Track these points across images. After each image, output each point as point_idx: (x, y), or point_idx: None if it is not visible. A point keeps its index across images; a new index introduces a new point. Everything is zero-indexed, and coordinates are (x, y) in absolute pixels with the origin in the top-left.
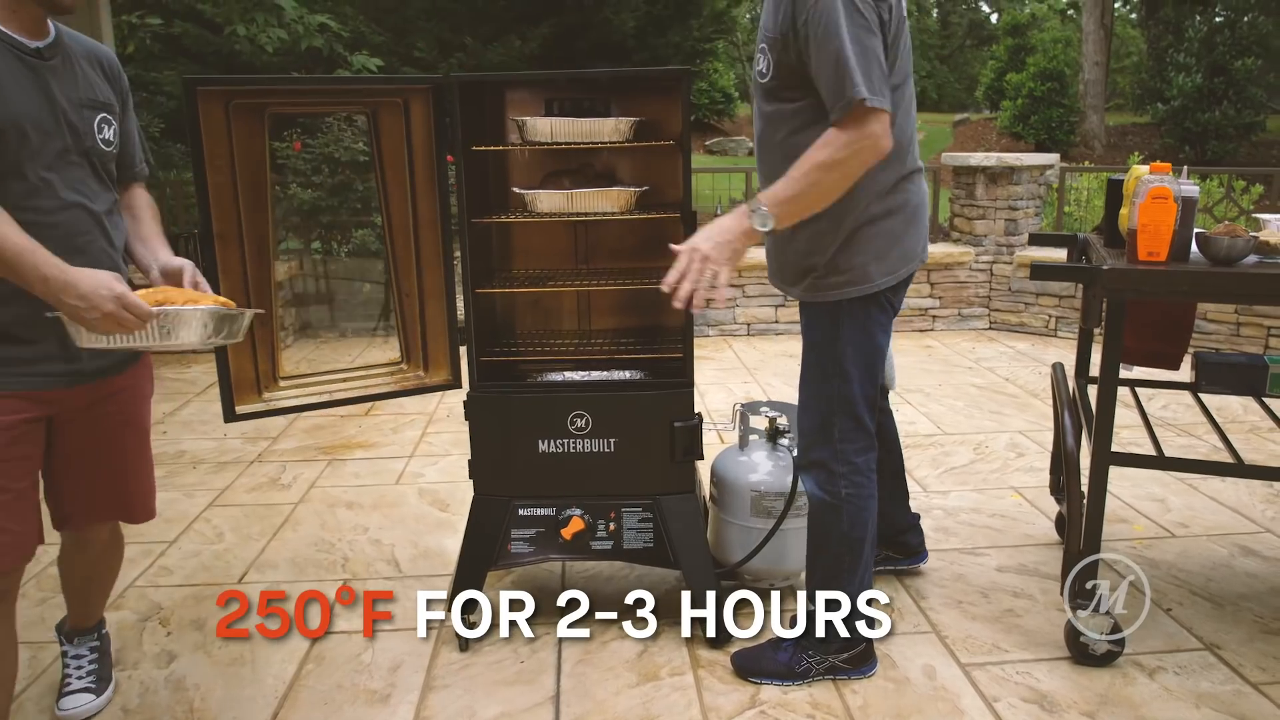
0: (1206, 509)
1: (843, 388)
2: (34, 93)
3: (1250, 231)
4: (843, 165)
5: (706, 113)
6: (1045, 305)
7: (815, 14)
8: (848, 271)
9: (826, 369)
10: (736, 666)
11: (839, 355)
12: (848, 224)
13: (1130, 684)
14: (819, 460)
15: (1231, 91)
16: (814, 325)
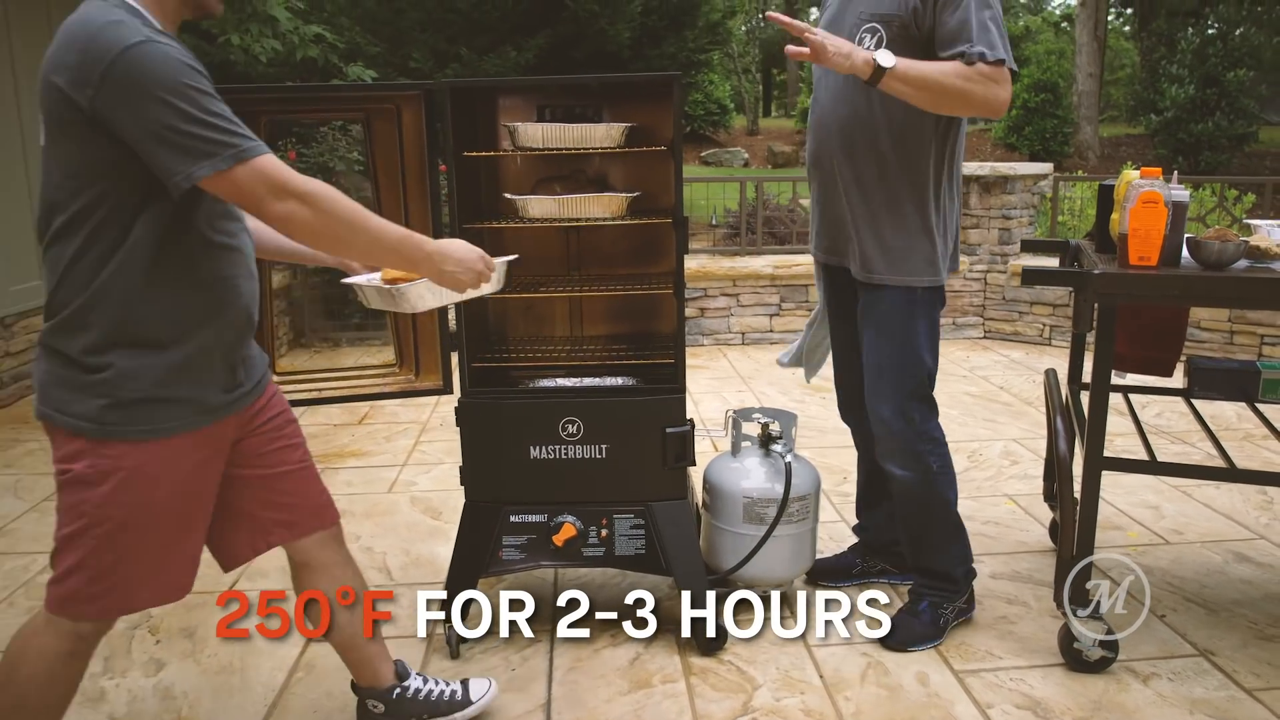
0: (1200, 516)
1: (918, 371)
2: None
3: (1241, 236)
4: (969, 88)
5: (702, 124)
6: (1039, 314)
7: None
8: (926, 258)
9: (904, 351)
10: (890, 644)
11: (916, 341)
12: (928, 211)
13: (1124, 690)
14: (901, 448)
15: (1224, 102)
16: (892, 308)
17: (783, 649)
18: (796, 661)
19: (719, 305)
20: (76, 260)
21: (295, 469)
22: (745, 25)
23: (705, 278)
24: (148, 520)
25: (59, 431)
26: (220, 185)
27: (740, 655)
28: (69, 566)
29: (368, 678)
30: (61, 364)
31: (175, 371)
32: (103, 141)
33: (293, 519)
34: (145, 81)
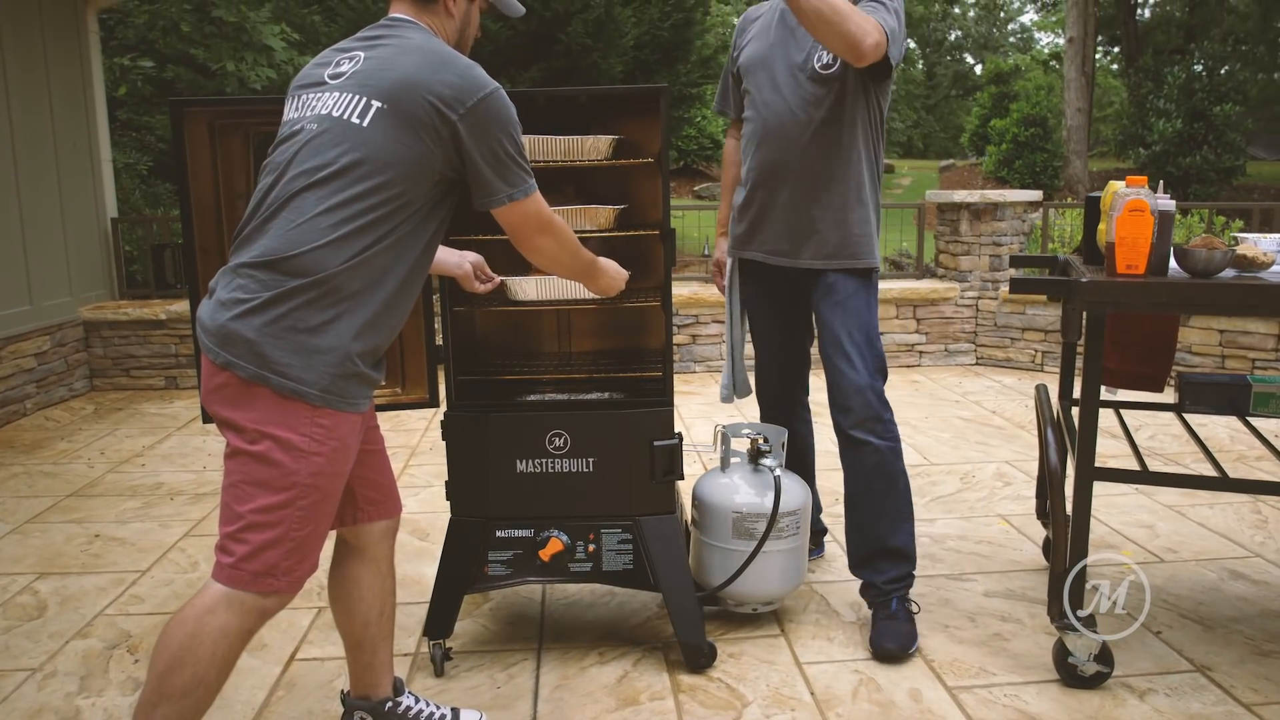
0: (1195, 535)
1: (878, 346)
2: None
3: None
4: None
5: (695, 158)
6: (1031, 340)
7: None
8: (870, 243)
9: (870, 332)
10: (895, 651)
11: (873, 318)
12: (867, 197)
13: (1120, 705)
14: (874, 415)
15: (1211, 136)
16: (854, 293)
17: (773, 666)
18: (787, 678)
19: (711, 332)
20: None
21: (380, 450)
22: None
23: (697, 304)
24: (339, 490)
25: (264, 394)
26: (514, 211)
27: (730, 673)
28: (266, 540)
29: (366, 686)
30: (292, 327)
31: (380, 353)
32: (440, 150)
33: (379, 498)
34: (500, 119)
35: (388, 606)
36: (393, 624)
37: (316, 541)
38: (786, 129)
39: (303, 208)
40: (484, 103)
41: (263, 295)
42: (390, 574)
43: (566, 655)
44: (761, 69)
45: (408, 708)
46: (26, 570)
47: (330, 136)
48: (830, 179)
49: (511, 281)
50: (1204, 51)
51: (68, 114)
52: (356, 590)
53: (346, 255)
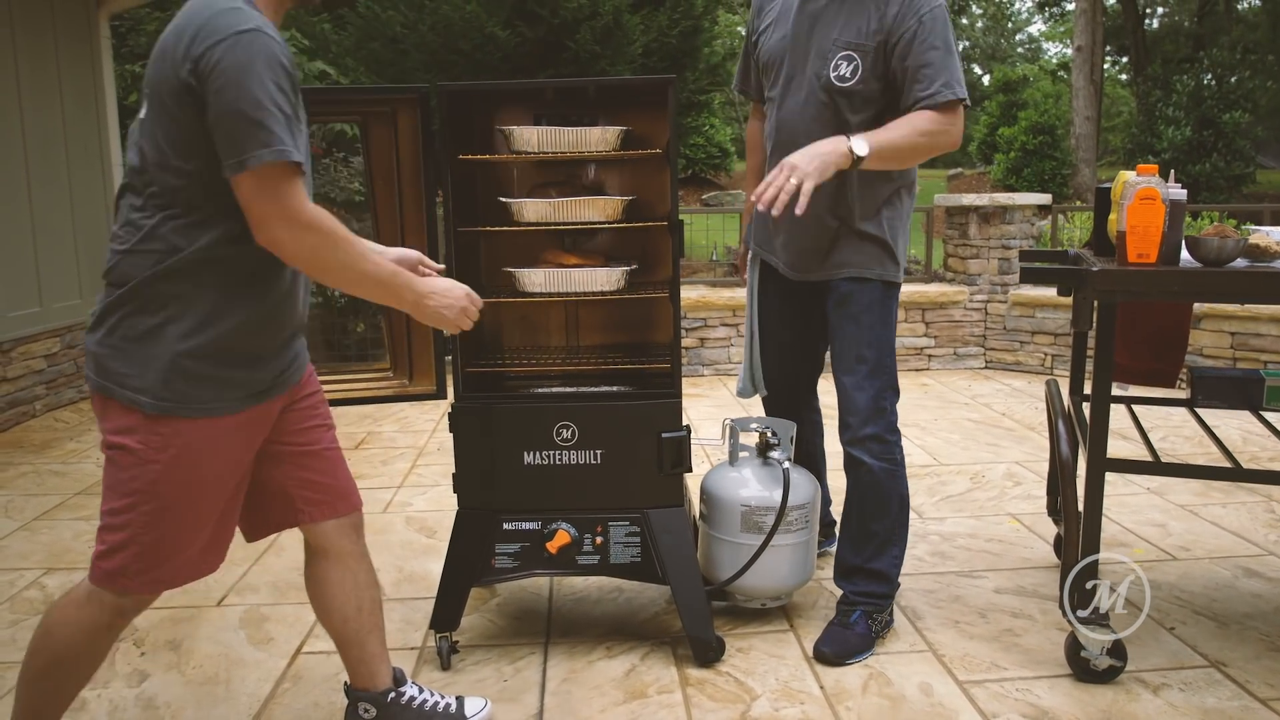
0: (1208, 533)
1: (890, 362)
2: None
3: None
4: (933, 141)
5: (703, 167)
6: (1041, 343)
7: (929, 20)
8: (893, 254)
9: (881, 347)
10: (829, 656)
11: (889, 335)
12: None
13: (1134, 700)
14: (874, 434)
15: (1221, 144)
16: (869, 306)
17: (782, 660)
18: (796, 672)
19: (719, 335)
20: (152, 234)
21: (328, 449)
22: None
23: (705, 308)
24: (194, 497)
25: (113, 405)
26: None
27: (738, 666)
28: (117, 542)
29: (364, 679)
30: (122, 334)
31: (232, 353)
32: (195, 120)
33: (321, 499)
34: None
35: (366, 600)
36: (379, 617)
37: (172, 548)
38: (799, 139)
39: (119, 215)
40: (220, 48)
41: (99, 309)
42: (363, 568)
43: (574, 649)
44: (779, 67)
45: (411, 697)
46: (34, 565)
47: (130, 141)
48: (846, 189)
49: (520, 273)
50: (1213, 60)
51: (79, 117)
52: (327, 589)
53: (152, 260)
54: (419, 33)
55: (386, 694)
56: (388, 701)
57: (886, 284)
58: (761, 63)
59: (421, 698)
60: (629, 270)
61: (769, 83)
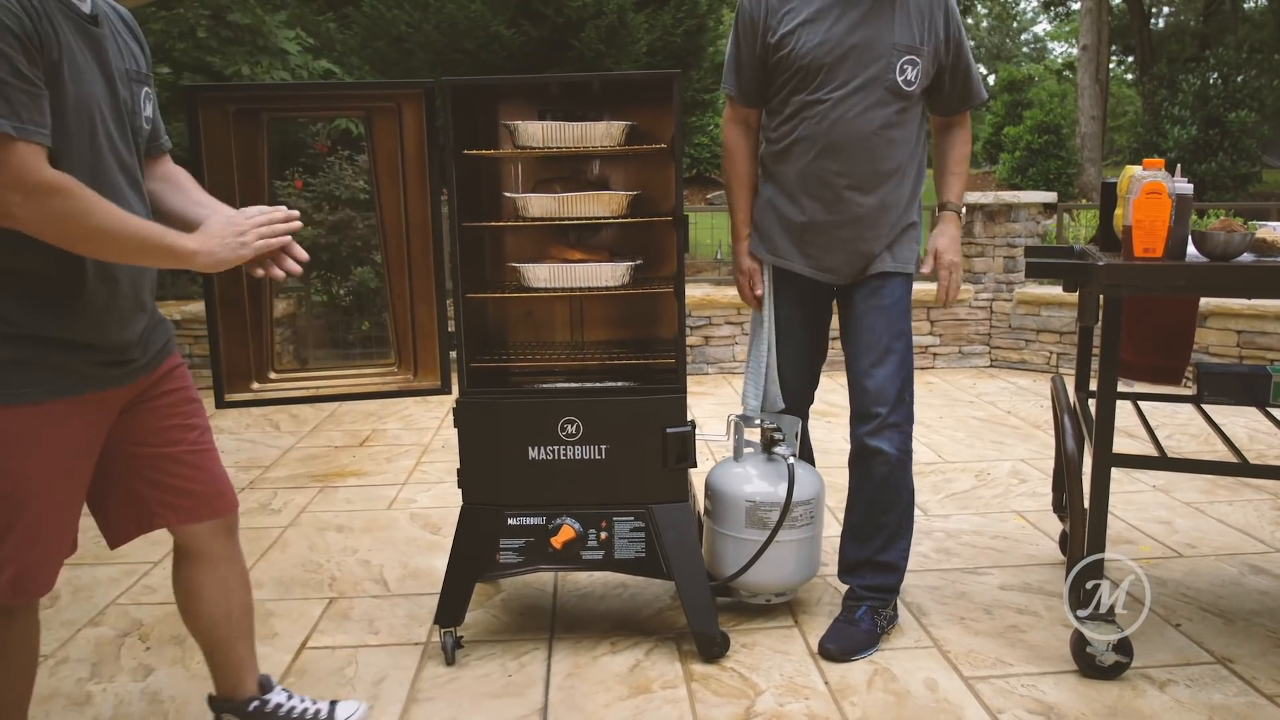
0: (1213, 531)
1: (911, 352)
2: (95, 68)
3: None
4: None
5: (707, 166)
6: (1046, 342)
7: (957, 25)
8: (917, 251)
9: (906, 337)
10: (834, 652)
11: (909, 323)
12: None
13: (1140, 696)
14: (896, 422)
15: (1227, 143)
16: (900, 296)
17: (786, 656)
18: (801, 668)
19: (723, 334)
20: None
21: (190, 450)
22: None
23: (710, 306)
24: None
25: None
26: None
27: (743, 662)
28: None
29: (229, 687)
30: None
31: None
32: None
33: (180, 502)
34: None
35: (235, 606)
36: (248, 623)
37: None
38: (869, 144)
39: None
40: None
41: None
42: (233, 572)
43: (578, 645)
44: (828, 70)
45: (278, 705)
46: None
47: None
48: (891, 191)
49: (525, 268)
50: (1219, 59)
51: None
52: (193, 592)
53: None
54: (424, 32)
55: (249, 703)
56: (250, 711)
57: (909, 276)
58: (799, 65)
59: (290, 704)
60: (634, 265)
61: (808, 85)
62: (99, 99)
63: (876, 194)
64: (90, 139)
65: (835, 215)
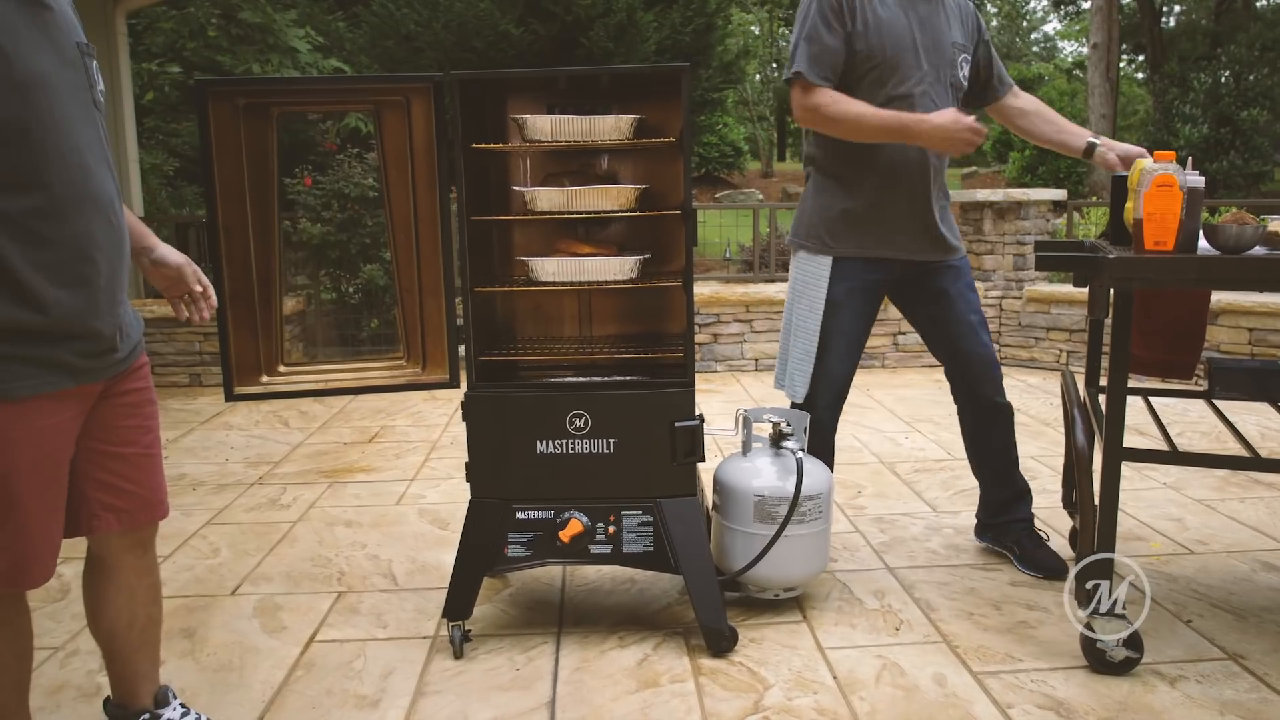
0: (1225, 528)
1: None
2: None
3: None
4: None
5: (716, 166)
6: (1056, 340)
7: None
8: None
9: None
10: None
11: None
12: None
13: (1151, 691)
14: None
15: (1239, 142)
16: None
17: (795, 651)
18: (809, 662)
19: (732, 331)
20: None
21: (142, 453)
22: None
23: (718, 303)
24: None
25: None
26: None
27: (751, 656)
28: None
29: (123, 695)
30: None
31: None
32: None
33: (125, 505)
34: None
35: (139, 618)
36: (152, 634)
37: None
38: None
39: None
40: None
41: None
42: (143, 584)
43: (586, 639)
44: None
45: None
46: None
47: None
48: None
49: (533, 262)
50: (1231, 57)
51: None
52: (96, 601)
53: None
54: (433, 30)
55: (140, 713)
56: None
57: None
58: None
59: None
60: (642, 260)
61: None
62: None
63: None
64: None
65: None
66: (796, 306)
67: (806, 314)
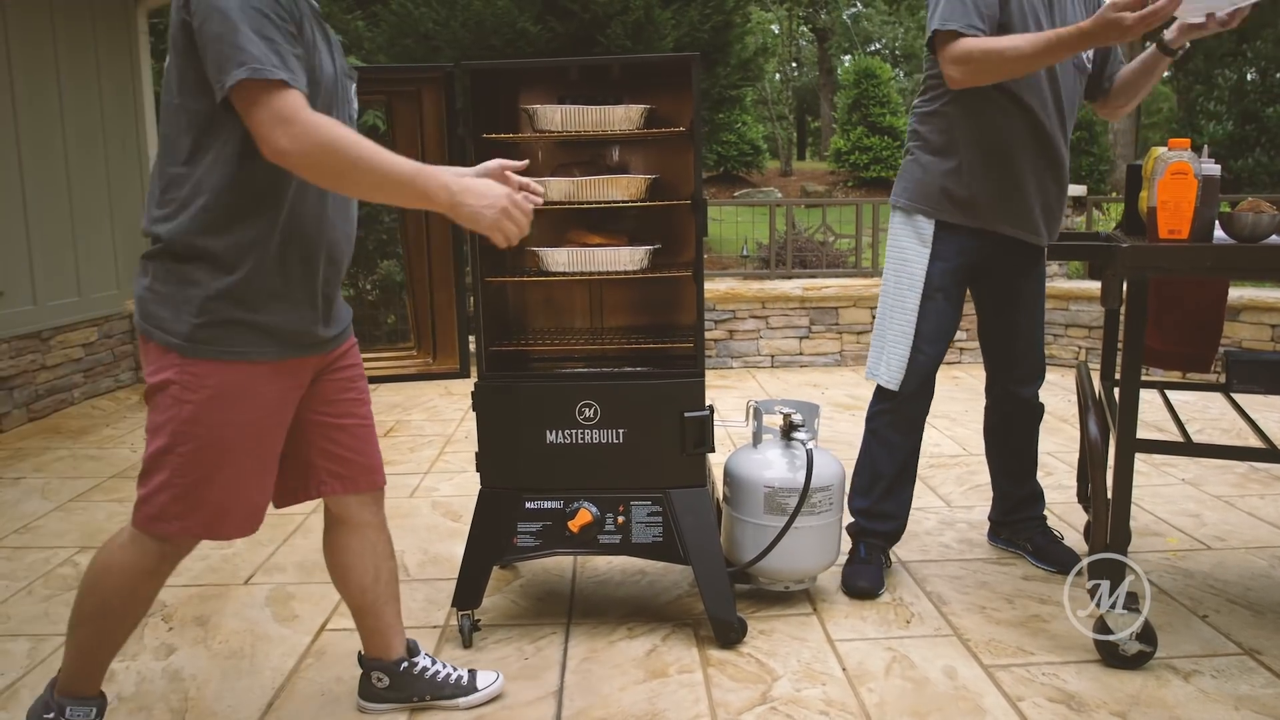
0: (1244, 524)
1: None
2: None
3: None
4: None
5: (735, 164)
6: (1075, 336)
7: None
8: None
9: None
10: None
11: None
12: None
13: (1164, 686)
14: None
15: (1264, 138)
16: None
17: (804, 643)
18: (818, 654)
19: (748, 328)
20: (176, 181)
21: (359, 424)
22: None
23: (735, 300)
24: (229, 442)
25: (152, 347)
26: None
27: (760, 648)
28: (157, 484)
29: (378, 648)
30: (160, 280)
31: (265, 299)
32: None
33: (346, 473)
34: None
35: (384, 571)
36: (395, 588)
37: (215, 493)
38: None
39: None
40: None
41: (145, 258)
42: (381, 539)
43: (595, 630)
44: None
45: (424, 668)
46: (68, 544)
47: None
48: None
49: (543, 252)
50: (1257, 53)
51: (117, 111)
52: (345, 557)
53: (175, 206)
54: (451, 29)
55: (399, 663)
56: (400, 670)
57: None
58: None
59: (434, 669)
60: (652, 250)
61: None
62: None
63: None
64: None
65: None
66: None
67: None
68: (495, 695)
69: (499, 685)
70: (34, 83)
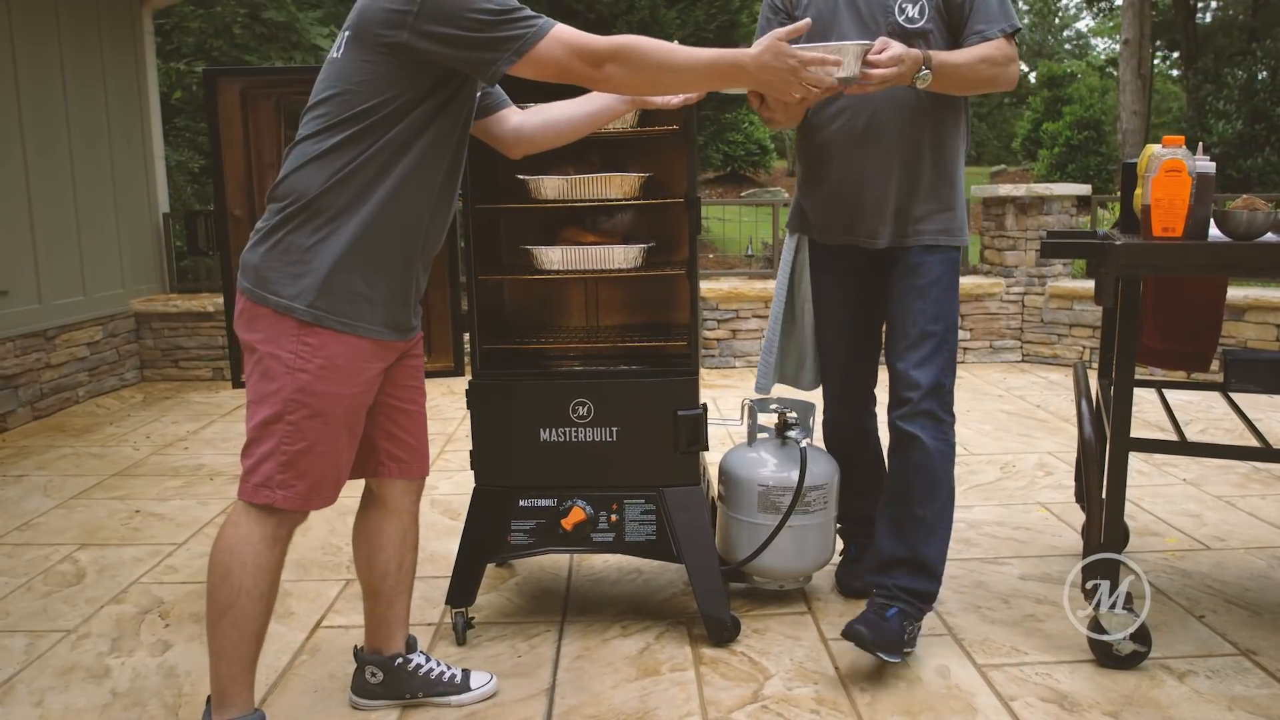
0: (1244, 524)
1: (954, 338)
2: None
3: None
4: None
5: (742, 164)
6: (1079, 336)
7: None
8: (961, 219)
9: (949, 320)
10: (866, 637)
11: (955, 306)
12: (958, 172)
13: (1158, 686)
14: (930, 410)
15: (1274, 138)
16: (940, 275)
17: (798, 642)
18: (811, 653)
19: (751, 327)
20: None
21: (419, 411)
22: None
23: (737, 299)
24: (336, 412)
25: (264, 314)
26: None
27: (753, 646)
28: (264, 452)
29: (381, 638)
30: (287, 249)
31: (382, 277)
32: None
33: (405, 456)
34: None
35: (407, 561)
36: (411, 580)
37: (316, 463)
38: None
39: (297, 141)
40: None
41: (268, 224)
42: (413, 529)
43: (589, 628)
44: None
45: (418, 665)
46: (68, 541)
47: (321, 75)
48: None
49: (537, 250)
50: (1266, 52)
51: (122, 110)
52: (377, 539)
53: (325, 175)
54: None
55: (394, 659)
56: (395, 666)
57: (958, 249)
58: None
59: (429, 666)
60: (646, 248)
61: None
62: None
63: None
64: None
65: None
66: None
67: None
68: (488, 695)
69: (493, 686)
70: (39, 82)
